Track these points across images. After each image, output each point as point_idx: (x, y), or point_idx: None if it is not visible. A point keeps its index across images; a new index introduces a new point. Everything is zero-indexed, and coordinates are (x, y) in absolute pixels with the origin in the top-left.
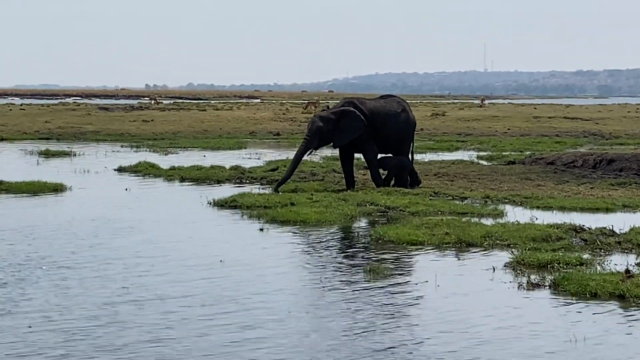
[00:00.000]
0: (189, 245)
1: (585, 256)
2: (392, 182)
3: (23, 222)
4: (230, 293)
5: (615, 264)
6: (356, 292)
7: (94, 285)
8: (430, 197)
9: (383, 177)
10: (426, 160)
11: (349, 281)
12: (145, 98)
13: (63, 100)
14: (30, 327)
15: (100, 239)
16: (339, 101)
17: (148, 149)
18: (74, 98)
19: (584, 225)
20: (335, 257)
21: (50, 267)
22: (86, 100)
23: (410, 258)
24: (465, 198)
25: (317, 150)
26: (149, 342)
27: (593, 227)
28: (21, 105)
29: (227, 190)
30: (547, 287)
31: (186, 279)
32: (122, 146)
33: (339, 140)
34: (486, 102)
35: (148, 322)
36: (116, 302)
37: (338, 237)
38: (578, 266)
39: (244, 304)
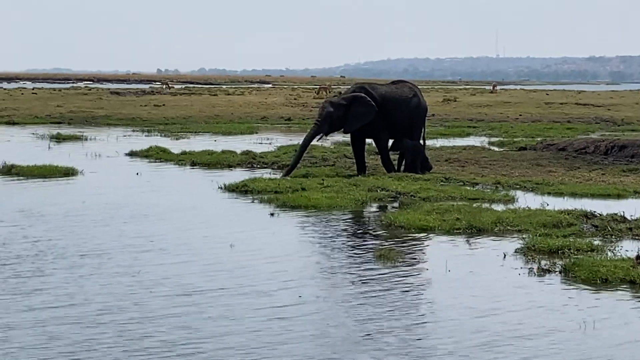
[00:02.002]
0: (201, 230)
1: (596, 242)
2: (403, 168)
3: (35, 206)
4: (240, 278)
5: (626, 250)
6: (367, 277)
7: (108, 271)
8: (441, 183)
9: (395, 161)
10: (437, 146)
11: (360, 266)
12: (157, 83)
13: (75, 85)
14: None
15: (111, 224)
16: (350, 86)
17: (159, 134)
18: (86, 82)
19: (595, 212)
20: (346, 243)
21: (63, 252)
22: (98, 85)
23: (421, 243)
24: (477, 184)
25: (328, 136)
26: (160, 330)
27: (604, 214)
28: (33, 89)
29: (238, 175)
30: (558, 273)
31: (197, 265)
32: (133, 131)
33: (349, 126)
34: (498, 88)
35: (159, 309)
36: (129, 288)
37: (349, 222)
38: (589, 252)
39: (253, 289)
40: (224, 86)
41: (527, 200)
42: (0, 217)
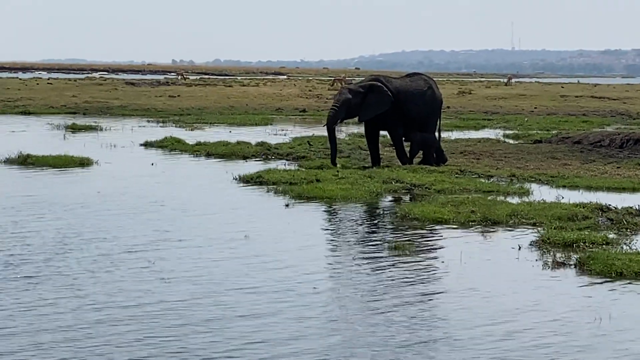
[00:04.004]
0: (216, 221)
1: (611, 236)
2: (420, 160)
3: (50, 197)
4: (255, 269)
5: None
6: (381, 269)
7: (123, 261)
8: (456, 175)
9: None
10: (452, 138)
11: (374, 258)
12: (172, 73)
13: (90, 75)
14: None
15: (126, 214)
16: (364, 78)
17: (174, 125)
18: (101, 73)
19: (610, 205)
20: (361, 234)
21: (80, 242)
22: (113, 75)
23: (436, 236)
24: (491, 176)
25: (343, 122)
26: (174, 323)
27: (619, 207)
28: (48, 79)
29: (252, 166)
30: (573, 266)
31: (213, 256)
32: (148, 121)
33: (364, 115)
34: (513, 80)
35: (173, 301)
36: (145, 279)
37: (363, 214)
38: (604, 245)
39: (268, 280)
40: (239, 77)
41: (542, 193)
42: (16, 208)
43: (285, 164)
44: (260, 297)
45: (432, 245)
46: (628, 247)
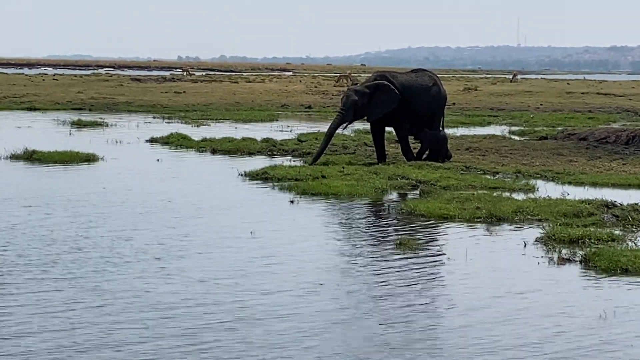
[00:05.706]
0: (221, 217)
1: (617, 232)
2: (424, 156)
3: (56, 192)
4: (261, 266)
5: None
6: (386, 265)
7: (131, 256)
8: (461, 172)
9: (415, 149)
10: (458, 134)
11: (380, 254)
12: (178, 70)
13: (95, 71)
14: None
15: (132, 210)
16: (370, 75)
17: (180, 121)
18: (107, 69)
19: (615, 201)
20: (366, 230)
21: (86, 239)
22: (119, 71)
23: (441, 232)
24: (497, 173)
25: (351, 125)
26: (181, 318)
27: (625, 203)
28: (54, 75)
29: (258, 163)
30: (578, 263)
31: (218, 252)
32: (154, 117)
33: (373, 114)
34: (518, 77)
35: (178, 298)
36: (151, 276)
37: (369, 210)
38: (609, 242)
39: (273, 276)
40: (245, 73)
41: (547, 190)
42: (22, 204)
43: (290, 160)
44: (266, 295)
45: (437, 242)
46: (633, 244)
